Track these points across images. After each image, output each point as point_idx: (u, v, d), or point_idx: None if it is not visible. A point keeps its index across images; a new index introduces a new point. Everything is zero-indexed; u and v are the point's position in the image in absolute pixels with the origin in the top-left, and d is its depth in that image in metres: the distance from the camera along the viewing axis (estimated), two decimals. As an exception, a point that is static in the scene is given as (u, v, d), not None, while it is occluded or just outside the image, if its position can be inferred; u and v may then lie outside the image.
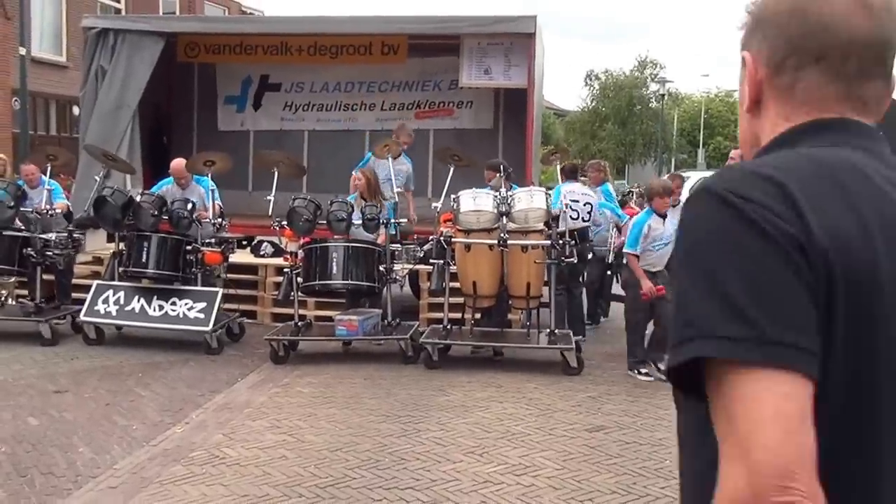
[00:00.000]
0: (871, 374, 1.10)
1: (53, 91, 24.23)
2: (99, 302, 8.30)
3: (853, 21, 1.19)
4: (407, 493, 4.80)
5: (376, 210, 8.20)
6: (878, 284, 1.09)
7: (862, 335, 1.08)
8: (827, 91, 1.23)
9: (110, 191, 8.61)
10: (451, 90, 12.40)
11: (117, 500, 4.64)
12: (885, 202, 1.14)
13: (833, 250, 1.07)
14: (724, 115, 54.24)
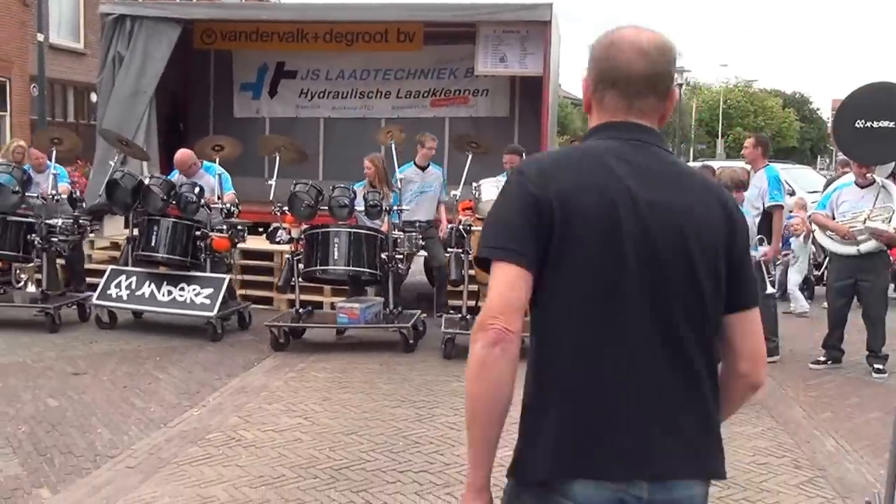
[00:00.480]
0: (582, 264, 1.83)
1: (71, 78, 24.36)
2: (112, 286, 8.36)
3: (633, 64, 1.92)
4: (420, 476, 4.84)
5: (379, 197, 8.13)
6: (583, 217, 1.83)
7: (575, 244, 1.83)
8: (619, 104, 1.96)
9: (121, 174, 8.62)
10: (467, 78, 12.41)
11: (135, 480, 4.70)
12: (605, 173, 1.87)
13: (556, 202, 1.83)
14: (743, 105, 53.99)
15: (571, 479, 1.84)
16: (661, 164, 1.93)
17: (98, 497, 4.46)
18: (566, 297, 1.85)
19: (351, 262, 7.98)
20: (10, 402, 6.03)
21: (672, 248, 1.85)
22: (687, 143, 46.96)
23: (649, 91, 1.94)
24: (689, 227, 1.87)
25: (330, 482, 4.74)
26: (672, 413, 1.86)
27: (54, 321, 8.25)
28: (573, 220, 1.82)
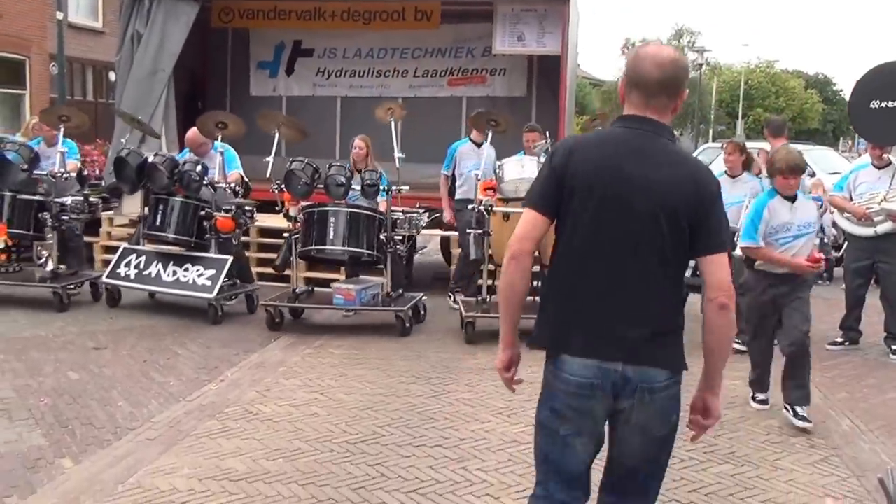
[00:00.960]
0: (589, 220, 2.67)
1: (90, 56, 24.49)
2: (122, 265, 8.32)
3: (651, 73, 2.68)
4: (435, 451, 4.90)
5: (376, 175, 7.98)
6: (588, 187, 2.67)
7: (574, 200, 2.68)
8: (639, 101, 2.73)
9: (128, 151, 8.51)
10: (485, 57, 12.37)
11: (155, 452, 4.78)
12: (609, 152, 2.71)
13: (570, 173, 2.69)
14: (764, 86, 53.53)
15: (557, 355, 2.77)
16: (653, 148, 2.70)
17: (119, 468, 4.54)
18: (567, 235, 2.74)
19: (348, 243, 7.81)
20: (33, 375, 6.13)
21: (641, 206, 2.64)
22: (706, 124, 46.65)
23: (661, 92, 2.70)
24: (657, 192, 2.64)
25: (346, 456, 4.80)
26: (634, 316, 2.66)
27: (62, 300, 8.20)
28: (576, 184, 2.69)
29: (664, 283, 2.70)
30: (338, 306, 7.90)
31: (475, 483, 4.48)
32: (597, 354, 2.67)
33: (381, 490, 4.36)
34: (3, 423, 5.15)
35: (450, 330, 7.93)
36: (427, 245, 12.68)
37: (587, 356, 2.68)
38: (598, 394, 2.68)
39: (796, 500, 4.39)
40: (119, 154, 8.48)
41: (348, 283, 8.01)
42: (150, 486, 4.32)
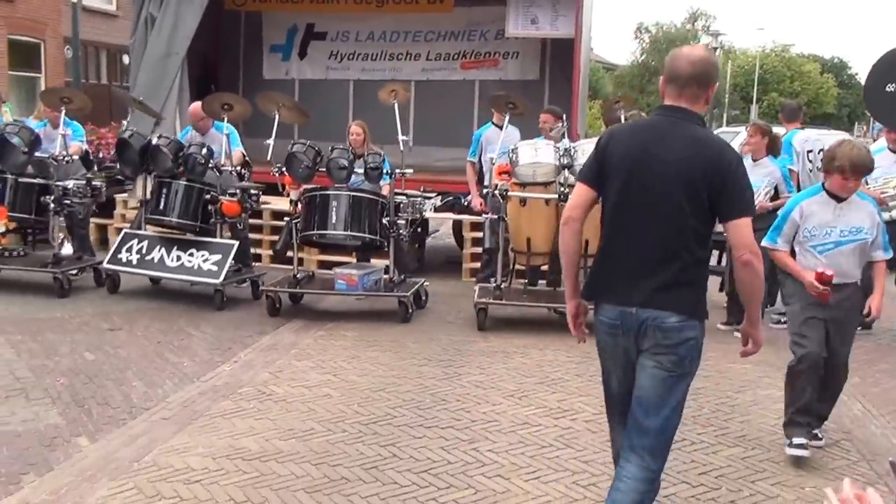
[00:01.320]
0: (618, 192, 3.24)
1: (104, 40, 24.55)
2: (123, 250, 8.11)
3: (684, 69, 3.20)
4: (447, 432, 4.94)
5: (379, 158, 7.73)
6: (620, 167, 3.24)
7: (610, 177, 3.27)
8: (673, 93, 3.24)
9: (130, 132, 8.33)
10: (498, 40, 12.35)
11: (169, 431, 4.84)
12: (640, 137, 3.28)
13: (608, 154, 3.29)
14: (779, 70, 53.14)
15: (598, 303, 3.39)
16: (680, 131, 3.21)
17: (134, 446, 4.60)
18: (606, 206, 3.34)
19: (350, 227, 7.63)
20: (49, 355, 6.20)
21: (661, 181, 3.17)
22: (720, 108, 46.37)
23: (692, 84, 3.22)
24: (678, 170, 3.16)
25: (358, 436, 4.85)
26: (651, 272, 3.20)
27: (62, 286, 8.04)
28: (612, 164, 3.28)
29: (680, 245, 3.19)
30: (340, 291, 7.75)
31: (486, 464, 4.51)
32: (619, 301, 3.26)
33: (392, 470, 4.40)
34: (20, 403, 5.22)
35: (461, 313, 7.96)
36: (439, 228, 12.70)
37: (612, 303, 3.29)
38: (619, 332, 3.27)
39: (807, 482, 4.41)
40: (121, 136, 8.31)
41: (351, 269, 7.88)
42: (164, 464, 4.38)
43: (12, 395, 5.34)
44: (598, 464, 4.55)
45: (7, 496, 3.98)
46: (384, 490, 4.17)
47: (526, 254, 7.57)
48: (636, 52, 46.61)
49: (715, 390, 5.84)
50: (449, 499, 4.10)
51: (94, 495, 4.01)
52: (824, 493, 2.39)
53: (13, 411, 5.06)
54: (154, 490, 4.08)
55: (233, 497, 4.03)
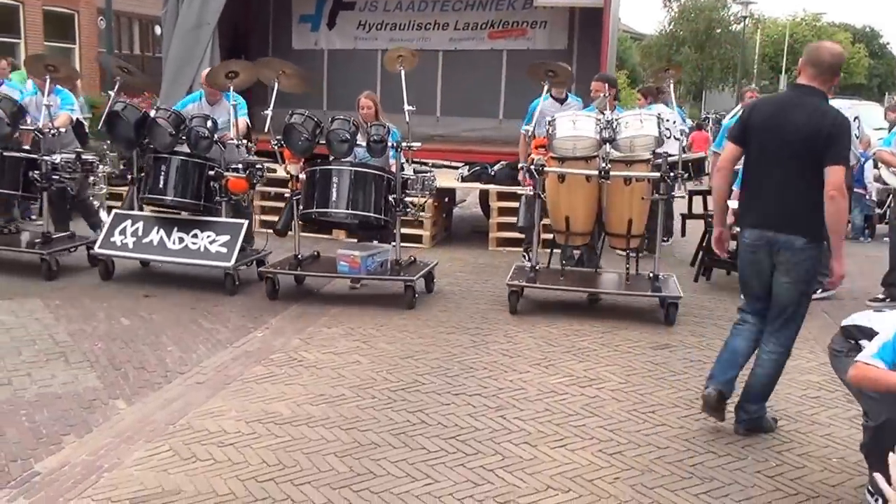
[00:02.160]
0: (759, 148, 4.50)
1: (136, 11, 24.66)
2: (116, 233, 7.48)
3: (824, 58, 4.40)
4: (474, 399, 5.02)
5: (383, 130, 7.12)
6: (758, 128, 4.49)
7: (750, 138, 4.53)
8: (811, 74, 4.41)
9: (122, 105, 7.58)
10: (526, 10, 12.27)
11: (204, 395, 4.96)
12: (777, 107, 4.56)
13: (750, 119, 4.57)
14: (809, 40, 52.25)
15: (742, 228, 4.59)
16: (808, 103, 4.34)
17: (169, 409, 4.72)
18: (750, 159, 4.54)
19: (353, 205, 7.06)
20: (87, 320, 6.34)
21: (788, 138, 4.33)
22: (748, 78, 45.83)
23: (828, 72, 4.37)
24: (800, 131, 4.30)
25: (387, 402, 4.94)
26: (786, 204, 4.38)
27: (50, 268, 7.50)
28: (752, 126, 4.49)
29: (802, 185, 4.32)
30: (342, 274, 7.27)
31: (513, 431, 4.59)
32: (758, 226, 4.48)
33: (421, 436, 4.49)
34: (60, 366, 5.37)
35: (487, 282, 8.03)
36: (466, 198, 12.75)
37: (753, 227, 4.51)
38: (759, 250, 4.48)
39: (833, 454, 4.45)
40: (112, 108, 7.49)
41: (353, 250, 7.31)
42: (199, 427, 4.49)
43: (52, 359, 5.50)
44: (624, 432, 4.62)
45: (49, 456, 4.11)
46: (413, 455, 4.26)
47: (564, 233, 7.09)
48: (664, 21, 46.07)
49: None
50: (476, 465, 4.18)
51: (132, 456, 4.13)
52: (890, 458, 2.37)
53: (53, 374, 5.21)
54: (189, 452, 4.19)
55: (265, 460, 4.14)
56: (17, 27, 21.77)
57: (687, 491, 3.98)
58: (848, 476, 4.17)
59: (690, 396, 5.16)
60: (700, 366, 5.71)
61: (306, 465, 4.09)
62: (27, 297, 6.88)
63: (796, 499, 3.95)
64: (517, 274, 7.20)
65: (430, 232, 9.77)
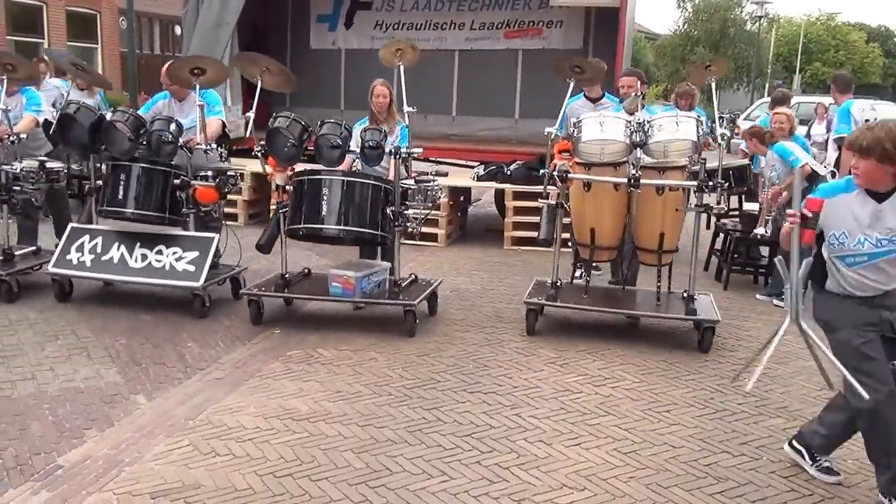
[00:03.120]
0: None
1: (157, 11, 24.83)
2: (72, 250, 6.72)
3: None
4: (489, 397, 5.05)
5: (380, 135, 6.35)
6: None
7: None
8: None
9: (76, 106, 6.76)
10: (542, 9, 12.29)
11: (222, 391, 5.02)
12: None
13: None
14: (824, 39, 52.08)
15: None
16: None
17: (189, 405, 4.79)
18: None
19: (345, 220, 6.23)
20: (108, 317, 6.42)
21: None
22: (762, 78, 45.63)
23: None
24: None
25: (403, 399, 4.98)
26: None
27: (11, 289, 6.76)
28: None
29: None
30: (333, 297, 6.46)
31: (528, 429, 4.62)
32: None
33: (437, 433, 4.53)
34: (82, 361, 5.45)
35: (502, 282, 8.06)
36: (482, 197, 12.78)
37: None
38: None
39: (849, 455, 4.44)
40: (65, 110, 6.75)
41: (347, 269, 6.46)
42: (218, 422, 4.55)
43: (75, 354, 5.58)
44: (638, 431, 4.64)
45: (71, 449, 4.18)
46: (428, 452, 4.30)
47: (589, 247, 6.45)
48: (678, 21, 45.94)
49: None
50: (492, 462, 4.21)
51: (152, 451, 4.19)
52: None
53: (76, 369, 5.29)
54: (208, 447, 4.25)
55: (283, 455, 4.19)
56: (41, 27, 22.00)
57: (702, 490, 4.01)
58: (864, 477, 4.18)
59: (705, 396, 5.19)
60: (715, 365, 5.74)
61: (323, 461, 4.14)
62: (48, 293, 6.92)
63: (811, 499, 3.98)
64: (536, 290, 6.61)
65: (445, 231, 9.80)
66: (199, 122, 6.65)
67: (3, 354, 5.53)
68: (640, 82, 7.22)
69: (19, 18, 21.77)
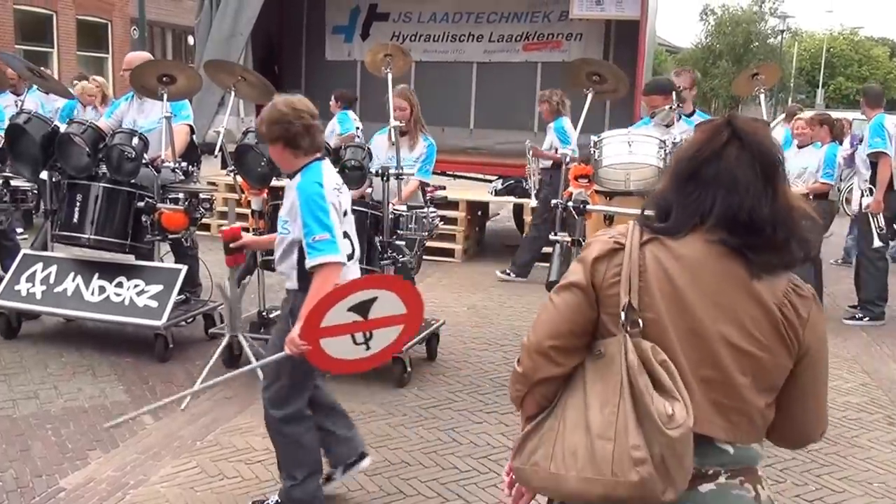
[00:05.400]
0: None
1: (169, 20, 24.92)
2: (22, 279, 5.94)
3: None
4: (507, 418, 4.91)
5: (361, 153, 5.60)
6: None
7: None
8: None
9: (26, 116, 5.98)
10: (561, 21, 12.19)
11: (231, 411, 4.90)
12: None
13: None
14: (847, 54, 51.84)
15: None
16: None
17: (197, 425, 4.67)
18: None
19: None
20: (114, 333, 6.30)
21: None
22: (785, 92, 45.35)
23: None
24: None
25: (418, 420, 4.85)
26: None
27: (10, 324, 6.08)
28: None
29: None
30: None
31: (546, 451, 4.47)
32: None
33: (452, 455, 4.39)
34: (87, 380, 5.33)
35: (521, 298, 7.92)
36: (500, 212, 12.65)
37: None
38: None
39: (874, 478, 4.30)
40: (13, 120, 6.00)
41: None
42: (226, 443, 4.43)
43: (79, 372, 5.47)
44: (660, 455, 4.49)
45: (75, 471, 4.07)
46: (444, 475, 4.17)
47: None
48: (701, 34, 45.86)
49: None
50: (509, 486, 4.07)
51: (158, 473, 4.07)
52: None
53: (80, 388, 5.17)
54: (216, 469, 4.13)
55: (293, 478, 4.06)
56: (51, 36, 22.05)
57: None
58: (891, 501, 4.05)
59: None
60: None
61: (335, 484, 4.00)
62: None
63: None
64: None
65: (462, 246, 9.67)
66: (167, 136, 5.89)
67: (5, 372, 5.42)
68: (666, 98, 5.75)
69: (28, 27, 21.76)
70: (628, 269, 1.80)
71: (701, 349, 1.76)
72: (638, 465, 1.69)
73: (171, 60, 5.97)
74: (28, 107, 6.96)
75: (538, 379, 1.91)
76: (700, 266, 1.79)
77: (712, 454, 1.78)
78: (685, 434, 1.69)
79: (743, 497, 1.80)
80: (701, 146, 1.87)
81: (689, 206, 1.84)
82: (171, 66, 6.19)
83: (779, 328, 1.78)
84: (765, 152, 1.83)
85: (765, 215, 1.79)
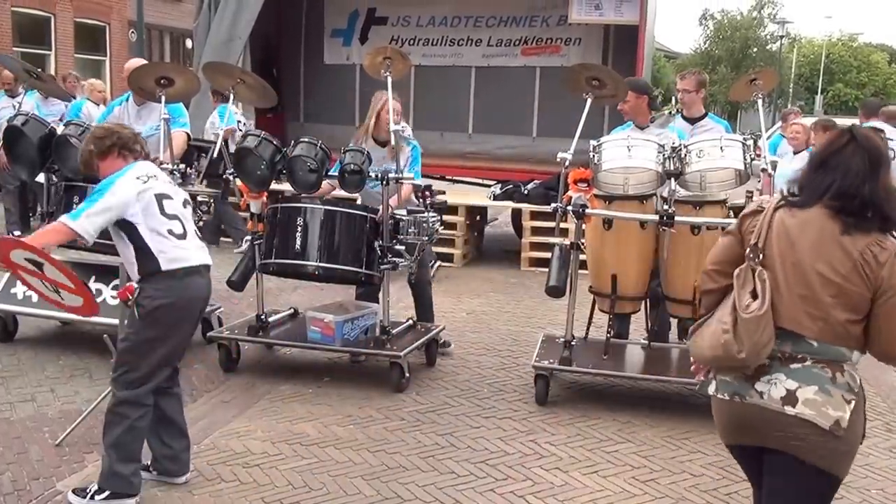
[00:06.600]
0: None
1: (167, 24, 24.90)
2: (18, 282, 5.78)
3: None
4: (504, 423, 4.93)
5: (361, 157, 5.49)
6: None
7: None
8: None
9: (24, 118, 5.92)
10: (560, 26, 12.18)
11: (230, 414, 4.90)
12: None
13: None
14: (845, 60, 51.97)
15: None
16: None
17: (196, 428, 4.62)
18: None
19: (323, 255, 5.42)
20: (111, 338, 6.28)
21: None
22: (784, 98, 45.44)
23: None
24: None
25: (416, 424, 4.84)
26: None
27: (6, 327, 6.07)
28: None
29: None
30: (311, 344, 5.68)
31: (544, 456, 4.48)
32: None
33: (450, 459, 4.39)
34: (84, 383, 5.33)
35: (519, 304, 7.92)
36: (498, 217, 12.64)
37: None
38: None
39: (871, 485, 4.31)
40: (11, 122, 5.93)
41: (326, 312, 5.67)
42: (224, 447, 4.43)
43: (76, 375, 5.46)
44: (657, 459, 4.49)
45: (71, 474, 4.06)
46: (441, 479, 4.16)
47: (610, 297, 5.43)
48: (699, 39, 45.98)
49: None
50: (507, 490, 4.07)
51: (156, 475, 4.06)
52: None
53: (77, 390, 5.17)
54: (214, 473, 4.13)
55: (291, 482, 4.06)
56: (48, 39, 21.98)
57: (725, 524, 3.85)
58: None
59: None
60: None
61: (333, 488, 4.01)
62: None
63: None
64: (547, 350, 5.49)
65: (461, 251, 9.67)
66: (165, 138, 5.73)
67: (2, 375, 5.41)
68: (639, 94, 5.83)
69: (26, 29, 21.67)
70: (761, 223, 2.68)
71: (800, 276, 2.58)
72: (724, 333, 2.61)
73: (170, 63, 5.64)
74: (25, 109, 6.88)
75: (703, 290, 2.88)
76: (808, 224, 2.60)
77: (802, 345, 2.60)
78: (754, 318, 2.54)
79: (821, 376, 2.59)
80: (830, 144, 2.69)
81: (816, 185, 2.64)
82: (169, 68, 6.08)
83: (857, 267, 2.52)
84: (873, 150, 2.61)
85: (864, 193, 2.55)
